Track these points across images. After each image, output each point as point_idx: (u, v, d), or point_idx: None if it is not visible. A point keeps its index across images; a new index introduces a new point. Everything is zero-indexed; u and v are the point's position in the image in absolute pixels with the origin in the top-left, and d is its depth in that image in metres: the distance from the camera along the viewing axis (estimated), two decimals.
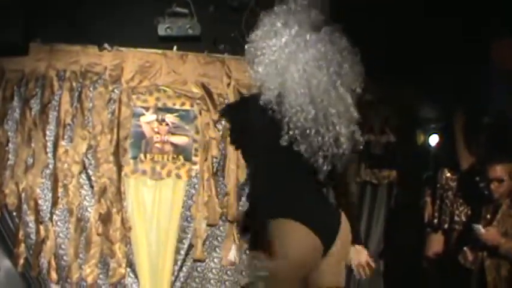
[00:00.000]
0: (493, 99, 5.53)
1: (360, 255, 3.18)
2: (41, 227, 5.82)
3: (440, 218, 5.24)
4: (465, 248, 4.58)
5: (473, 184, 4.93)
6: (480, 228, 4.42)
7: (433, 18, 5.72)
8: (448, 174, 5.33)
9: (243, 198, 6.15)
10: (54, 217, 5.86)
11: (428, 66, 5.97)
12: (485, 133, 5.53)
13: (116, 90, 6.01)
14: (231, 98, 6.02)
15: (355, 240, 3.12)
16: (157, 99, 6.09)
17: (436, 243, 5.34)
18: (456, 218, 5.07)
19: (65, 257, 5.87)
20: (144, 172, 6.03)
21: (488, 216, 4.53)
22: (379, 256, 6.54)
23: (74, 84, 5.94)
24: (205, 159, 6.03)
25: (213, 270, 6.07)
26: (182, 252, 6.08)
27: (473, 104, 5.59)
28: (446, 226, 5.17)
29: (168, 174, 6.03)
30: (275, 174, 2.97)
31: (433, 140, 6.21)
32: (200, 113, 6.08)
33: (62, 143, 5.88)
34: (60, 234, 5.89)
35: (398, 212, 6.48)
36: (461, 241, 4.78)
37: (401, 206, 6.47)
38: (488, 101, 5.55)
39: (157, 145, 6.04)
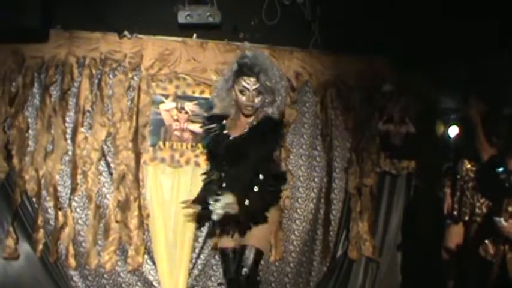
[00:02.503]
0: None
1: None
2: (60, 213, 5.86)
3: (460, 210, 5.16)
4: (487, 241, 4.53)
5: (493, 176, 4.87)
6: (502, 221, 4.36)
7: (453, 7, 5.69)
8: (469, 166, 5.25)
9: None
10: (73, 203, 5.91)
11: (448, 56, 5.93)
12: (505, 124, 5.46)
13: (135, 78, 6.02)
14: None
15: None
16: (177, 87, 6.09)
17: (456, 235, 5.28)
18: (477, 210, 4.99)
19: (83, 244, 5.91)
20: (163, 160, 6.04)
21: (510, 208, 4.46)
22: (397, 248, 6.54)
23: (94, 71, 5.96)
24: None
25: None
26: (200, 240, 6.13)
27: (494, 94, 5.53)
28: (466, 218, 5.11)
29: (187, 162, 6.04)
30: None
31: (453, 130, 6.15)
32: None
33: (82, 129, 5.91)
34: (79, 221, 5.93)
35: (417, 203, 6.45)
36: (482, 233, 4.72)
37: (420, 197, 6.45)
38: (509, 90, 5.49)
39: (177, 133, 6.05)
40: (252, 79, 4.36)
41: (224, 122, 4.53)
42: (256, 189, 4.33)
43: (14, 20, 5.43)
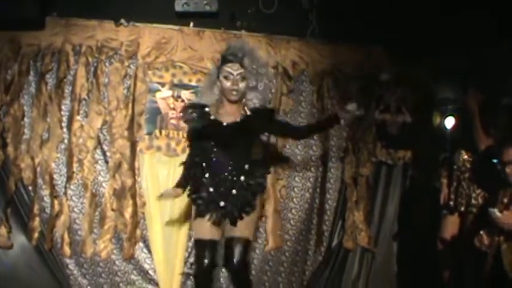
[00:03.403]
0: None
1: None
2: (56, 202, 5.86)
3: (456, 200, 5.17)
4: (482, 232, 4.54)
5: (490, 167, 4.86)
6: (496, 212, 4.36)
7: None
8: (465, 156, 5.26)
9: None
10: (69, 192, 5.90)
11: (446, 47, 5.91)
12: (503, 114, 5.45)
13: (131, 66, 6.00)
14: None
15: None
16: (173, 75, 6.08)
17: (452, 226, 5.29)
18: (473, 201, 5.01)
19: (79, 232, 5.91)
20: (159, 148, 6.03)
21: (505, 200, 4.46)
22: (393, 238, 6.54)
23: (90, 59, 5.95)
24: None
25: None
26: None
27: (491, 84, 5.52)
28: (462, 209, 5.12)
29: (183, 151, 6.00)
30: None
31: (450, 120, 6.12)
32: None
33: (78, 117, 5.90)
34: (75, 209, 5.92)
35: (414, 193, 6.44)
36: (478, 224, 4.73)
37: (416, 187, 6.44)
38: (507, 81, 5.48)
39: (173, 121, 6.04)
40: (236, 65, 4.52)
41: (207, 109, 4.61)
42: (242, 178, 4.50)
43: (10, 7, 5.42)
